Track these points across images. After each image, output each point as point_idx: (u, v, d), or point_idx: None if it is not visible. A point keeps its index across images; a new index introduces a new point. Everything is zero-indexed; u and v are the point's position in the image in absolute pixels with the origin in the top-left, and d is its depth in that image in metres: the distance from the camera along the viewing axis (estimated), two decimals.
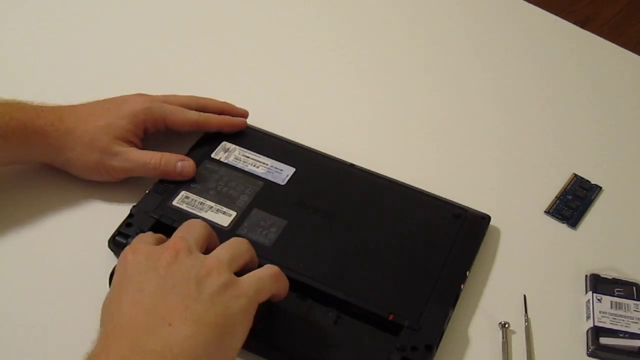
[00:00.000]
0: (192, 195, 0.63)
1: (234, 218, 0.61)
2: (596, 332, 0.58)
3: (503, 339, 0.58)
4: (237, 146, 0.67)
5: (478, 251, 0.62)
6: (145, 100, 0.66)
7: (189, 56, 0.81)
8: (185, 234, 0.51)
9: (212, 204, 0.62)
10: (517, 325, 0.59)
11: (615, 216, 0.68)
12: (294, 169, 0.66)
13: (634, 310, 0.59)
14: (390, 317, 0.55)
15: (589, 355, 0.58)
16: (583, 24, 0.95)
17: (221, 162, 0.66)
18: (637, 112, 0.79)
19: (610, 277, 0.61)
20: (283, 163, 0.66)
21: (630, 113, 0.79)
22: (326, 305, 0.56)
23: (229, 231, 0.60)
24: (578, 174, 0.71)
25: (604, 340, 0.57)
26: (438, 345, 0.55)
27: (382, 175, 0.67)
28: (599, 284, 0.61)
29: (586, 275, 0.62)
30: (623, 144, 0.75)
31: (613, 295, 0.60)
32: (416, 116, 0.77)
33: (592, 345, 0.57)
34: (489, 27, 0.88)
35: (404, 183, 0.66)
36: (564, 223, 0.67)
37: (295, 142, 0.69)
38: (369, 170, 0.67)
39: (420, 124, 0.76)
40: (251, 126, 0.70)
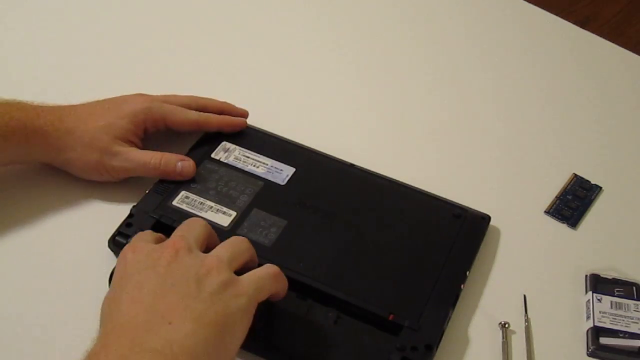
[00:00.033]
0: (192, 195, 0.63)
1: (234, 218, 0.61)
2: (596, 332, 0.58)
3: (503, 339, 0.58)
4: (237, 146, 0.67)
5: (478, 251, 0.62)
6: (145, 100, 0.66)
7: (189, 56, 0.81)
8: (185, 232, 0.51)
9: (212, 204, 0.62)
10: (517, 325, 0.59)
11: (615, 216, 0.68)
12: (294, 169, 0.66)
13: (634, 310, 0.59)
14: (390, 317, 0.55)
15: (589, 355, 0.58)
16: (583, 24, 0.95)
17: (221, 162, 0.66)
18: (637, 112, 0.79)
19: (610, 277, 0.61)
20: (283, 163, 0.66)
21: (630, 113, 0.79)
22: (326, 305, 0.56)
23: (229, 231, 0.60)
24: (578, 174, 0.71)
25: (604, 340, 0.57)
26: (438, 345, 0.55)
27: (382, 175, 0.67)
28: (599, 284, 0.61)
29: (586, 275, 0.62)
30: (623, 144, 0.75)
31: (613, 295, 0.60)
32: (416, 116, 0.77)
33: (592, 345, 0.57)
34: (489, 27, 0.88)
35: (404, 183, 0.66)
36: (564, 223, 0.67)
37: (295, 142, 0.69)
38: (369, 170, 0.67)
39: (420, 124, 0.76)
40: (251, 126, 0.70)
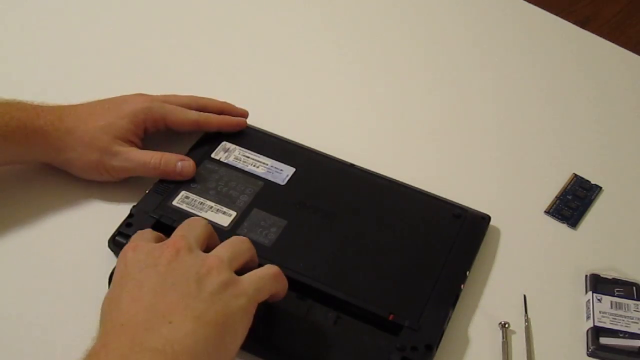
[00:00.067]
0: (192, 195, 0.63)
1: (234, 218, 0.61)
2: (596, 332, 0.58)
3: (503, 339, 0.58)
4: (237, 146, 0.67)
5: (478, 251, 0.62)
6: (145, 100, 0.66)
7: (189, 56, 0.81)
8: (186, 232, 0.51)
9: (212, 204, 0.62)
10: (517, 325, 0.59)
11: (615, 216, 0.68)
12: (294, 169, 0.66)
13: (634, 310, 0.59)
14: (390, 317, 0.55)
15: (589, 355, 0.58)
16: (583, 24, 0.95)
17: (221, 162, 0.66)
18: (637, 112, 0.79)
19: (610, 277, 0.61)
20: (283, 163, 0.66)
21: (630, 113, 0.79)
22: (326, 305, 0.56)
23: (229, 231, 0.60)
24: (578, 174, 0.71)
25: (604, 340, 0.57)
26: (438, 345, 0.55)
27: (382, 175, 0.67)
28: (599, 284, 0.61)
29: (586, 275, 0.62)
30: (623, 144, 0.75)
31: (613, 295, 0.60)
32: (416, 116, 0.77)
33: (592, 345, 0.57)
34: (489, 27, 0.88)
35: (404, 183, 0.66)
36: (564, 223, 0.67)
37: (295, 142, 0.69)
38: (369, 170, 0.67)
39: (420, 124, 0.76)
40: (251, 126, 0.70)
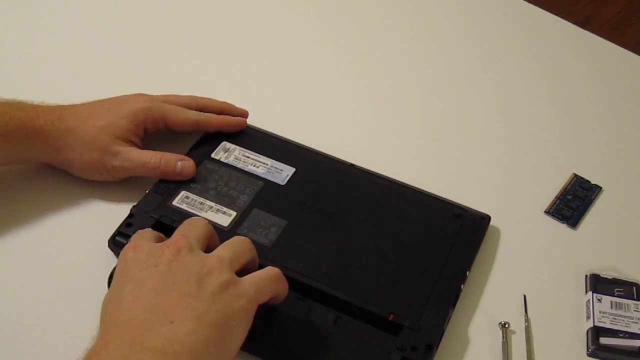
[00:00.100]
0: (192, 195, 0.63)
1: (234, 218, 0.61)
2: (596, 332, 0.58)
3: (503, 339, 0.58)
4: (237, 146, 0.67)
5: (478, 251, 0.62)
6: (145, 99, 0.66)
7: (189, 56, 0.81)
8: (187, 232, 0.51)
9: (212, 204, 0.62)
10: (517, 325, 0.59)
11: (615, 216, 0.68)
12: (294, 169, 0.66)
13: (634, 310, 0.59)
14: (390, 317, 0.55)
15: (589, 355, 0.58)
16: (583, 24, 0.95)
17: (221, 162, 0.66)
18: (637, 112, 0.79)
19: (610, 277, 0.61)
20: (283, 163, 0.66)
21: (630, 113, 0.79)
22: (326, 305, 0.56)
23: (229, 231, 0.60)
24: (578, 174, 0.71)
25: (604, 340, 0.57)
26: (438, 345, 0.55)
27: (382, 175, 0.67)
28: (599, 284, 0.61)
29: (586, 275, 0.62)
30: (623, 144, 0.75)
31: (613, 295, 0.60)
32: (416, 116, 0.77)
33: (592, 345, 0.57)
34: (489, 27, 0.88)
35: (404, 183, 0.66)
36: (564, 223, 0.67)
37: (295, 142, 0.69)
38: (369, 170, 0.67)
39: (421, 124, 0.76)
40: (251, 126, 0.70)
